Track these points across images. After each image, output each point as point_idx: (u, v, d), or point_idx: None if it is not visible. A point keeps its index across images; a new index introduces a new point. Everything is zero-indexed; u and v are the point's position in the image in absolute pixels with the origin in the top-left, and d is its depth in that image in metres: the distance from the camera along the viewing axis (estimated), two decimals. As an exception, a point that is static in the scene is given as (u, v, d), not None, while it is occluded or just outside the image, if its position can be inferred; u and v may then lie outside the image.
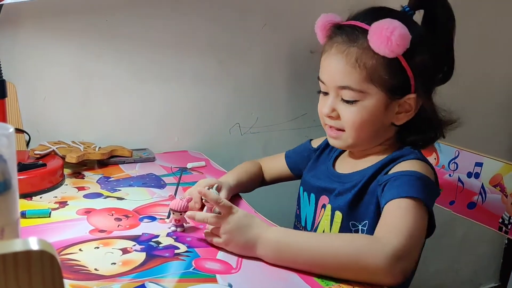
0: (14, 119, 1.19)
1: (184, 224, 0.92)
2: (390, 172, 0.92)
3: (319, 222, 1.01)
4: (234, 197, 1.08)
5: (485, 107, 1.80)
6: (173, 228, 0.91)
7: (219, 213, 0.85)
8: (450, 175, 1.21)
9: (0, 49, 1.03)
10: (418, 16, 0.97)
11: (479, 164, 1.16)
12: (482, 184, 1.16)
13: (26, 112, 1.22)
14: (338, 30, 0.95)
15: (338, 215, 0.96)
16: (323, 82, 0.96)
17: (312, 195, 1.05)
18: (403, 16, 0.94)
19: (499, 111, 1.84)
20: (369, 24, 0.90)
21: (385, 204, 0.85)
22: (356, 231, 0.95)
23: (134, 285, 0.73)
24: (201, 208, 0.97)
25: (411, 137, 0.97)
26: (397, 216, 0.82)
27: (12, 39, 1.19)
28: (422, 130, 0.97)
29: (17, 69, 1.20)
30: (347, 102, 0.93)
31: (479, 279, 2.04)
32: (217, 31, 1.38)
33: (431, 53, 0.93)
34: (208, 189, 0.95)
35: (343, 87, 0.92)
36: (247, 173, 1.15)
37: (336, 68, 0.93)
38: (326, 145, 1.11)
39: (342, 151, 1.07)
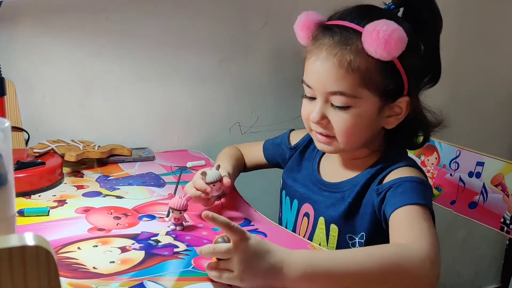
0: (13, 118, 1.18)
1: (183, 222, 0.91)
2: (386, 180, 0.90)
3: (309, 234, 0.98)
4: (232, 195, 1.08)
5: (486, 106, 1.79)
6: (173, 227, 0.91)
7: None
8: (451, 174, 1.21)
9: (-1, 47, 1.02)
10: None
11: (481, 164, 1.16)
12: (484, 183, 1.15)
13: (25, 110, 1.22)
14: (326, 31, 0.90)
15: (334, 228, 0.94)
16: (309, 87, 0.92)
17: (295, 202, 1.03)
18: (390, 14, 0.91)
19: (501, 110, 1.83)
20: (360, 25, 0.87)
21: (392, 211, 0.83)
22: (353, 244, 0.92)
23: (133, 283, 0.73)
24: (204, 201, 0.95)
25: (399, 140, 0.95)
26: (412, 222, 0.80)
27: (11, 36, 1.18)
28: (410, 133, 0.96)
29: (16, 67, 1.20)
30: (339, 108, 0.88)
31: (480, 280, 2.03)
32: (217, 30, 1.37)
33: (420, 53, 0.91)
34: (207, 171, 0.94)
35: (335, 93, 0.88)
36: (237, 160, 1.14)
37: (327, 72, 0.88)
38: (307, 144, 1.08)
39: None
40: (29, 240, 0.41)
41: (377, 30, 0.83)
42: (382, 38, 0.83)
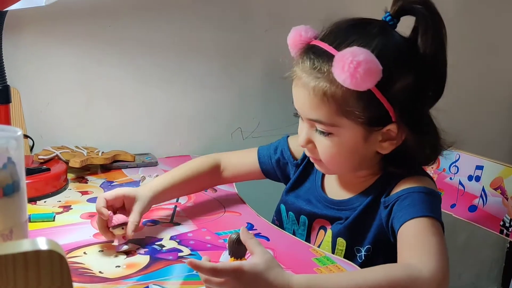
0: (18, 125, 1.19)
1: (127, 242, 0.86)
2: (393, 192, 0.86)
3: (318, 246, 0.94)
4: (234, 199, 1.08)
5: (485, 110, 1.80)
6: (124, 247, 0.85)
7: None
8: (451, 178, 1.22)
9: (4, 54, 1.03)
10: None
11: (480, 167, 1.17)
12: (483, 187, 1.16)
13: (30, 117, 1.23)
14: (306, 54, 0.85)
15: (341, 242, 0.90)
16: (296, 110, 0.88)
17: (303, 217, 0.97)
18: (381, 29, 0.83)
19: (500, 114, 1.84)
20: (338, 48, 0.80)
21: (400, 226, 0.80)
22: (360, 257, 0.89)
23: (138, 287, 0.74)
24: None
25: (398, 165, 0.87)
26: (420, 238, 0.78)
27: (16, 44, 1.20)
28: (411, 157, 0.87)
29: (21, 75, 1.21)
30: (322, 133, 0.84)
31: (481, 283, 2.03)
32: (219, 35, 1.39)
33: (416, 73, 0.82)
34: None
35: (314, 120, 0.84)
36: (186, 175, 1.01)
37: (304, 100, 0.84)
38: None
39: None
40: (42, 244, 0.41)
41: (344, 60, 0.76)
42: (347, 72, 0.76)
